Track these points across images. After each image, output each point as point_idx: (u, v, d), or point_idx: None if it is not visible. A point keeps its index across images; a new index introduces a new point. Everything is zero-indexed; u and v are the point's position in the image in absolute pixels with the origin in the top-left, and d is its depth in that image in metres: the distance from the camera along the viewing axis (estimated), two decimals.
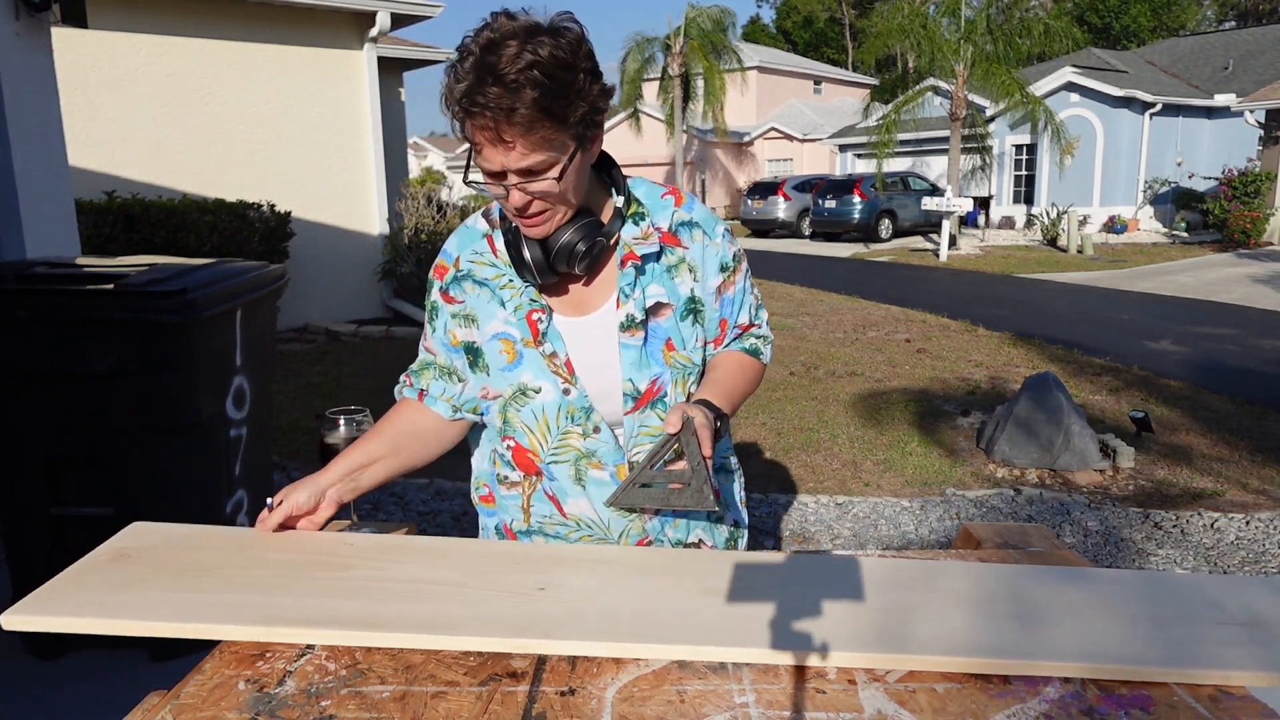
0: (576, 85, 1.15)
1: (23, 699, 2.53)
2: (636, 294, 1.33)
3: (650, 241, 1.34)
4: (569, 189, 1.22)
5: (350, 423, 1.35)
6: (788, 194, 22.77)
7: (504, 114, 1.10)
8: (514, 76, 1.09)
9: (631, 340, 1.33)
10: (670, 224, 1.37)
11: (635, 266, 1.33)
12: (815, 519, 4.15)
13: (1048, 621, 1.04)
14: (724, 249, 1.40)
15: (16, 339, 2.48)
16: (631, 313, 1.32)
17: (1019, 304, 10.87)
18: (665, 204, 1.38)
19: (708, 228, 1.39)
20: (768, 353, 1.50)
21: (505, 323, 1.34)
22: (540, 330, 1.32)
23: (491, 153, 1.16)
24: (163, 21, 7.93)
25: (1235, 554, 3.74)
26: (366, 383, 6.75)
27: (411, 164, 15.34)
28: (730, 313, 1.43)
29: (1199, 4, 42.66)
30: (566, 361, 1.32)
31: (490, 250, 1.36)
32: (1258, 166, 17.61)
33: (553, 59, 1.11)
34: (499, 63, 1.10)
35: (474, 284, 1.36)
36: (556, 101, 1.12)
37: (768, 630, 1.00)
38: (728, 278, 1.41)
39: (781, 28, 54.41)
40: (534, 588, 1.08)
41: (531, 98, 1.10)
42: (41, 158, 3.59)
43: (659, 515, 1.41)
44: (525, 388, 1.33)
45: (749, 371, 1.45)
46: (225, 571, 1.09)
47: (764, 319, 1.50)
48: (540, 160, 1.16)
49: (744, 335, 1.46)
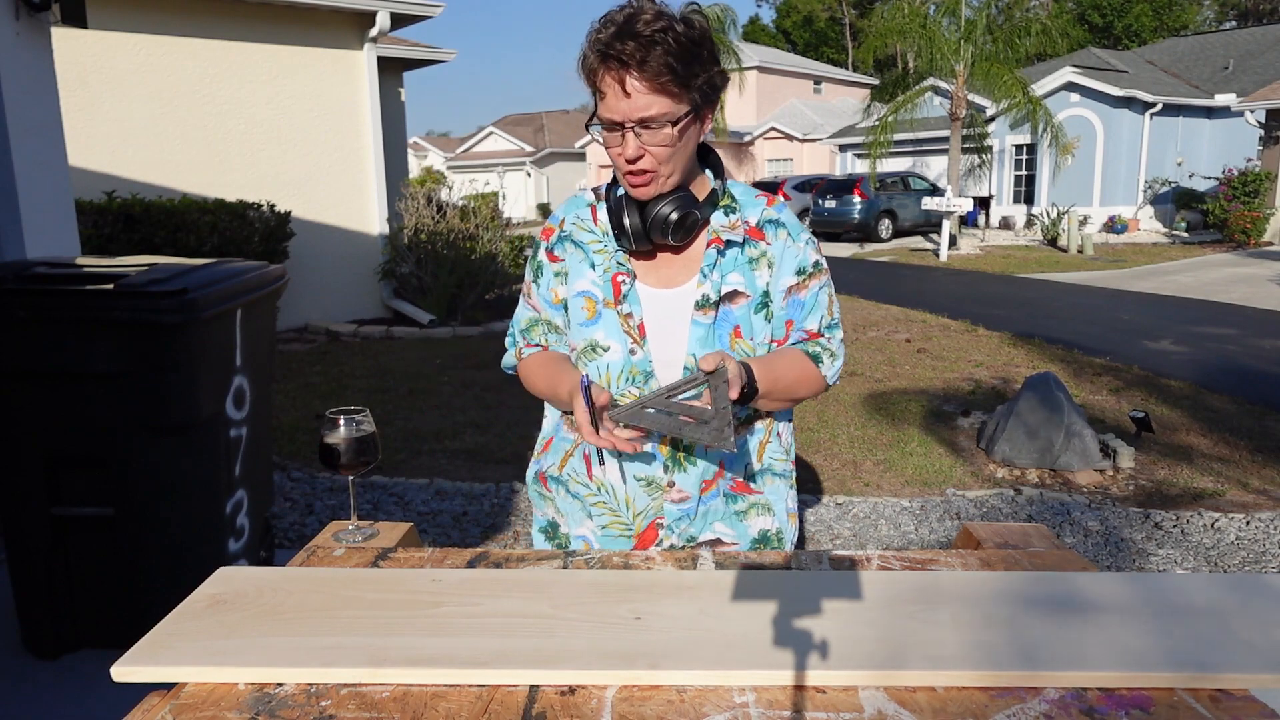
0: (701, 57, 1.28)
1: (23, 699, 2.53)
2: (715, 276, 1.40)
3: (736, 231, 1.42)
4: (679, 150, 1.32)
5: (350, 423, 1.34)
6: (788, 194, 22.76)
7: (635, 62, 1.23)
8: (649, 34, 1.23)
9: (703, 318, 1.40)
10: (758, 220, 1.45)
11: (718, 250, 1.41)
12: (815, 519, 4.15)
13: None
14: (805, 253, 1.46)
15: (16, 339, 2.48)
16: (707, 292, 1.40)
17: (1019, 304, 10.87)
18: (758, 203, 1.46)
19: (793, 230, 1.46)
20: (831, 368, 1.48)
21: (592, 283, 1.44)
22: (622, 292, 1.41)
23: (615, 101, 1.27)
24: (163, 21, 7.92)
25: (1235, 554, 3.73)
26: (366, 383, 6.75)
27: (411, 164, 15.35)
28: (798, 315, 1.46)
29: (1199, 4, 42.64)
30: (640, 324, 1.41)
31: (591, 218, 1.47)
32: (1258, 166, 17.60)
33: (686, 32, 1.26)
34: (637, 22, 1.24)
35: (573, 244, 1.47)
36: (682, 63, 1.25)
37: (890, 652, 0.98)
38: (802, 281, 1.45)
39: (781, 27, 54.39)
40: (630, 617, 1.07)
41: (660, 53, 1.23)
42: (41, 158, 3.59)
43: (680, 505, 1.42)
44: (596, 344, 1.42)
45: (804, 371, 1.45)
46: (323, 614, 1.08)
47: (837, 337, 1.50)
48: (660, 111, 1.26)
49: (809, 341, 1.47)
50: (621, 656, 0.97)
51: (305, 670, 0.96)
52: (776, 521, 1.51)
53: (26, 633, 2.72)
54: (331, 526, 1.43)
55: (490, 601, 1.12)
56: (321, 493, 4.43)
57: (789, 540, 1.54)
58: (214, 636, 1.03)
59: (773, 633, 1.02)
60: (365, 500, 4.30)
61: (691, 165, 1.39)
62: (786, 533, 1.53)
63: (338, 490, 4.47)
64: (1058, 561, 1.26)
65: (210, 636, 1.03)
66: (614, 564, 1.25)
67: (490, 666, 0.96)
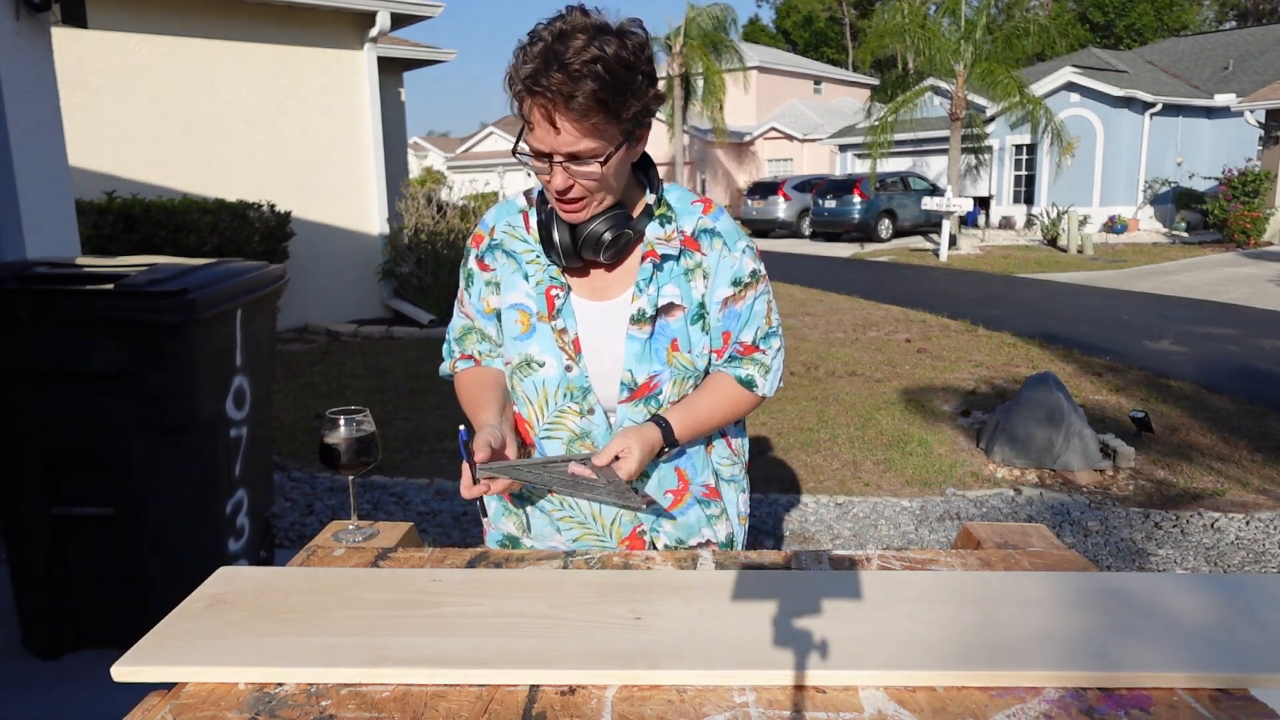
0: (634, 85, 1.21)
1: (23, 699, 2.53)
2: (651, 290, 1.36)
3: (672, 243, 1.37)
4: (610, 180, 1.27)
5: (350, 423, 1.34)
6: (788, 194, 22.76)
7: (562, 99, 1.16)
8: (578, 67, 1.15)
9: (638, 333, 1.36)
10: (694, 229, 1.40)
11: (654, 264, 1.37)
12: (815, 519, 4.14)
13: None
14: (741, 263, 1.40)
15: (16, 339, 2.48)
16: (643, 307, 1.36)
17: (1019, 304, 10.87)
18: (693, 210, 1.41)
19: (729, 239, 1.41)
20: (766, 383, 1.45)
21: (526, 295, 1.39)
22: (556, 306, 1.37)
23: (543, 134, 1.21)
24: (163, 21, 7.92)
25: (1235, 554, 3.73)
26: (366, 383, 6.74)
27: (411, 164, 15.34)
28: (734, 327, 1.42)
29: (1199, 4, 42.64)
30: (575, 339, 1.37)
31: (524, 225, 1.42)
32: (1258, 166, 17.60)
33: (617, 57, 1.18)
34: (566, 52, 1.15)
35: (504, 254, 1.42)
36: (613, 96, 1.18)
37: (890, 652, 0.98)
38: (738, 292, 1.41)
39: (781, 27, 54.38)
40: (630, 617, 1.07)
41: (590, 89, 1.16)
42: (41, 158, 3.59)
43: (652, 508, 1.42)
44: (531, 359, 1.38)
45: (732, 403, 1.43)
46: (323, 614, 1.08)
47: (774, 347, 1.46)
48: (588, 148, 1.21)
49: (745, 359, 1.43)
50: (621, 656, 0.97)
51: (305, 670, 0.96)
52: (730, 525, 1.50)
53: (26, 633, 2.72)
54: (331, 526, 1.43)
55: (490, 601, 1.12)
56: (321, 493, 4.43)
57: (740, 545, 1.54)
58: (214, 636, 1.03)
59: (773, 633, 1.02)
60: (365, 500, 4.30)
61: (626, 182, 1.34)
62: (738, 536, 1.53)
63: (338, 490, 4.47)
64: (1058, 561, 1.26)
65: (210, 636, 1.03)
66: (614, 564, 1.25)
67: (490, 666, 0.96)
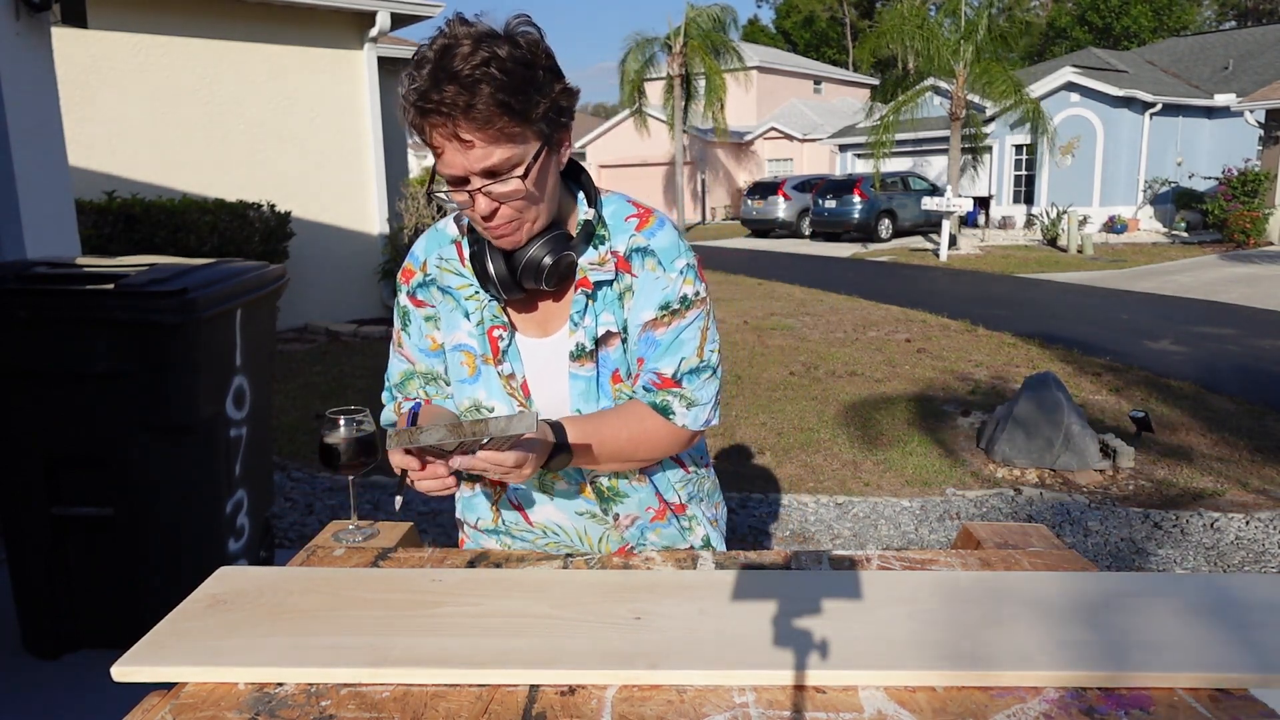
0: (536, 81, 1.10)
1: (23, 699, 2.53)
2: (587, 321, 1.25)
3: (605, 268, 1.25)
4: (538, 191, 1.15)
5: (350, 423, 1.34)
6: (788, 194, 22.76)
7: (460, 111, 1.05)
8: (469, 73, 1.05)
9: (582, 371, 1.26)
10: (626, 248, 1.26)
11: (586, 293, 1.25)
12: (815, 519, 4.15)
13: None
14: (675, 286, 1.25)
15: (16, 339, 2.48)
16: (581, 341, 1.25)
17: (1019, 304, 10.87)
18: (627, 227, 1.27)
19: (665, 259, 1.25)
20: (690, 415, 1.28)
21: (468, 334, 1.29)
22: (501, 349, 1.27)
23: (452, 155, 1.10)
24: (163, 21, 7.92)
25: (1235, 554, 3.73)
26: (366, 383, 6.74)
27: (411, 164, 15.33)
28: (650, 354, 1.26)
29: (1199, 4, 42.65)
30: (523, 383, 1.28)
31: (458, 257, 1.30)
32: (1257, 166, 17.60)
33: (510, 56, 1.07)
34: (454, 62, 1.05)
35: (439, 290, 1.31)
36: (515, 96, 1.07)
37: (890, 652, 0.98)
38: (663, 317, 1.25)
39: (782, 28, 54.39)
40: (630, 617, 1.07)
41: (488, 92, 1.05)
42: (41, 158, 3.59)
43: (637, 522, 1.39)
44: (480, 404, 1.29)
45: (643, 429, 1.26)
46: (324, 614, 1.08)
47: (696, 385, 1.27)
48: (504, 158, 1.10)
49: (660, 391, 1.27)
50: (621, 656, 0.97)
51: (305, 670, 0.96)
52: (704, 529, 1.46)
53: (26, 633, 2.72)
54: (331, 526, 1.43)
55: (490, 601, 1.12)
56: (321, 493, 4.43)
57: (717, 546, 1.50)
58: (214, 636, 1.03)
59: (773, 633, 1.02)
60: (365, 500, 4.30)
61: (558, 196, 1.22)
62: (713, 538, 1.48)
63: (338, 490, 4.47)
64: (1058, 561, 1.26)
65: (210, 636, 1.03)
66: (614, 564, 1.25)
67: (490, 666, 0.96)
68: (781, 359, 7.64)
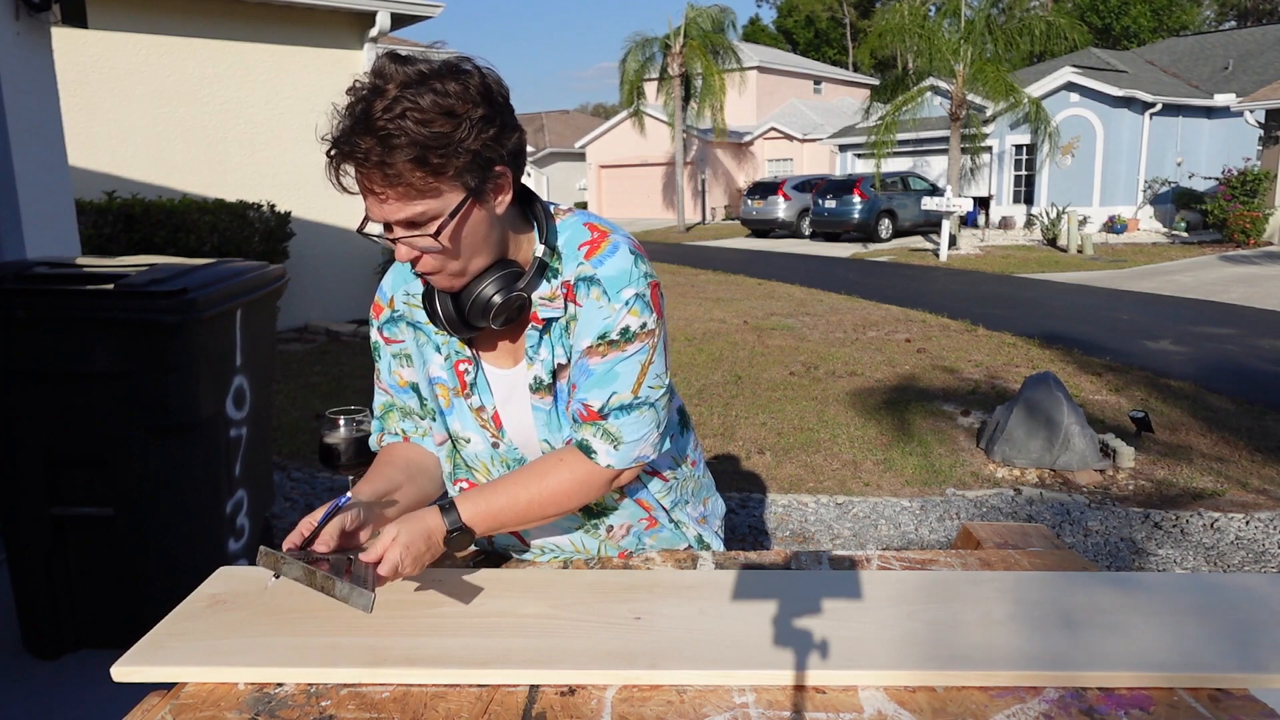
0: (457, 134, 1.05)
1: (23, 699, 2.53)
2: (543, 354, 1.23)
3: (556, 303, 1.21)
4: (453, 247, 1.11)
5: (350, 423, 1.35)
6: (788, 194, 22.76)
7: (375, 165, 1.03)
8: (383, 125, 1.02)
9: (541, 403, 1.26)
10: (574, 278, 1.21)
11: (539, 330, 1.22)
12: (815, 519, 4.14)
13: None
14: (616, 317, 1.19)
15: (16, 339, 2.48)
16: (538, 374, 1.24)
17: (1019, 304, 10.87)
18: (577, 255, 1.22)
19: (610, 288, 1.19)
20: (617, 455, 1.21)
21: (440, 367, 1.29)
22: (468, 381, 1.27)
23: (372, 203, 1.09)
24: (163, 21, 7.92)
25: (1235, 554, 3.73)
26: (366, 383, 6.72)
27: None
28: (582, 382, 1.21)
29: (1198, 4, 42.64)
30: (494, 415, 1.28)
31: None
32: (1257, 166, 17.60)
33: (434, 106, 1.03)
34: (372, 110, 1.03)
35: (408, 326, 1.31)
36: (437, 150, 1.04)
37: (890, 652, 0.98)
38: (599, 345, 1.19)
39: (782, 28, 54.40)
40: (630, 617, 1.07)
41: (405, 147, 1.02)
42: (41, 158, 3.59)
43: (631, 531, 1.39)
44: (458, 435, 1.31)
45: (557, 483, 1.20)
46: (323, 614, 1.08)
47: (625, 422, 1.20)
48: (418, 212, 1.07)
49: (586, 424, 1.21)
50: (621, 656, 0.97)
51: (305, 670, 0.96)
52: (695, 529, 1.46)
53: (26, 633, 2.72)
54: None
55: (490, 601, 1.12)
56: (321, 493, 4.43)
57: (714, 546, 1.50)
58: (214, 636, 1.03)
59: (773, 633, 1.02)
60: None
61: (501, 236, 1.18)
62: (705, 536, 1.48)
63: (338, 490, 4.47)
64: (1058, 561, 1.26)
65: (210, 636, 1.03)
66: (614, 564, 1.25)
67: (490, 666, 0.96)
68: (781, 359, 7.64)
